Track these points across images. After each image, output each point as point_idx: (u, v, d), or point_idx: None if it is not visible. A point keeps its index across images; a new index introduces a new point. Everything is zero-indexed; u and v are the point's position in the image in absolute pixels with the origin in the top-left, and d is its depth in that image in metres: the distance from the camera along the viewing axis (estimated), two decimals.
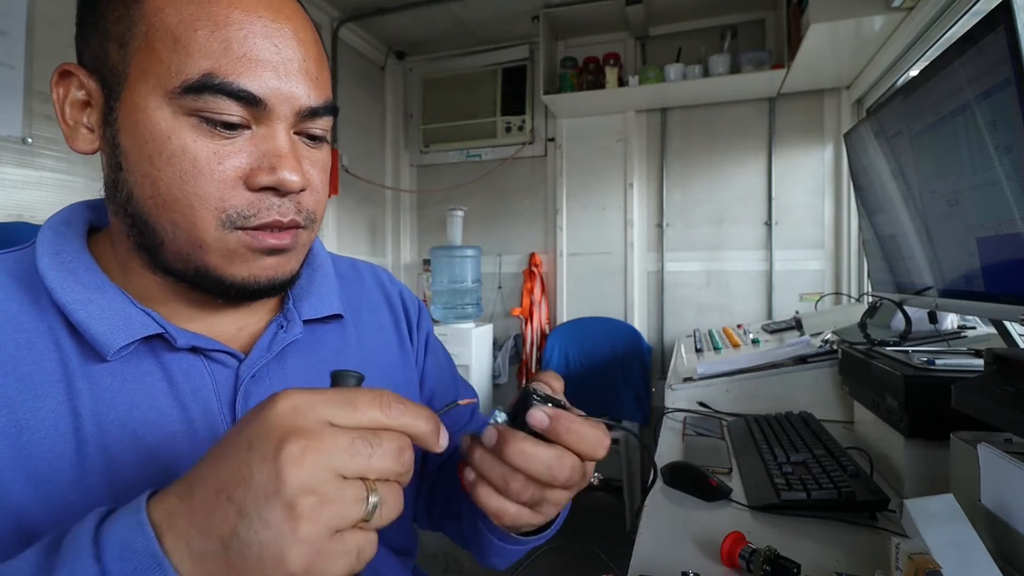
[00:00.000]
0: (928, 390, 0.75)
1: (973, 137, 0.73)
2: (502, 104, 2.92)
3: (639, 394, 2.57)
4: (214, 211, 0.43)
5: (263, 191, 0.45)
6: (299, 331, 0.54)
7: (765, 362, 1.29)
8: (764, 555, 0.60)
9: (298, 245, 0.49)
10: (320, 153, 0.50)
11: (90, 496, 0.42)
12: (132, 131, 0.43)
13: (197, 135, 0.43)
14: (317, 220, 0.51)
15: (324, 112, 0.48)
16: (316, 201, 0.50)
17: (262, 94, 0.43)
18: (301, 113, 0.46)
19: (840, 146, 2.38)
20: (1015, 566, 0.55)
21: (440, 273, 2.81)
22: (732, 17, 2.56)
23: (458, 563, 2.16)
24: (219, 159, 0.43)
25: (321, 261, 0.61)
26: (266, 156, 0.44)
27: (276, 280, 0.49)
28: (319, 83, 0.47)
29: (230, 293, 0.47)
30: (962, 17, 1.43)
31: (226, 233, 0.44)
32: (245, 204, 0.44)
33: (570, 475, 0.41)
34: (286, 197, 0.46)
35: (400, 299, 0.69)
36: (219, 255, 0.45)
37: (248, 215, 0.45)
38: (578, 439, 0.41)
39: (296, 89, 0.45)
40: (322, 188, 0.51)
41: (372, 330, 0.63)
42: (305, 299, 0.56)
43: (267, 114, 0.44)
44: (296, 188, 0.45)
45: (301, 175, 0.45)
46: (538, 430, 0.41)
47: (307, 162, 0.48)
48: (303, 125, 0.47)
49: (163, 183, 0.43)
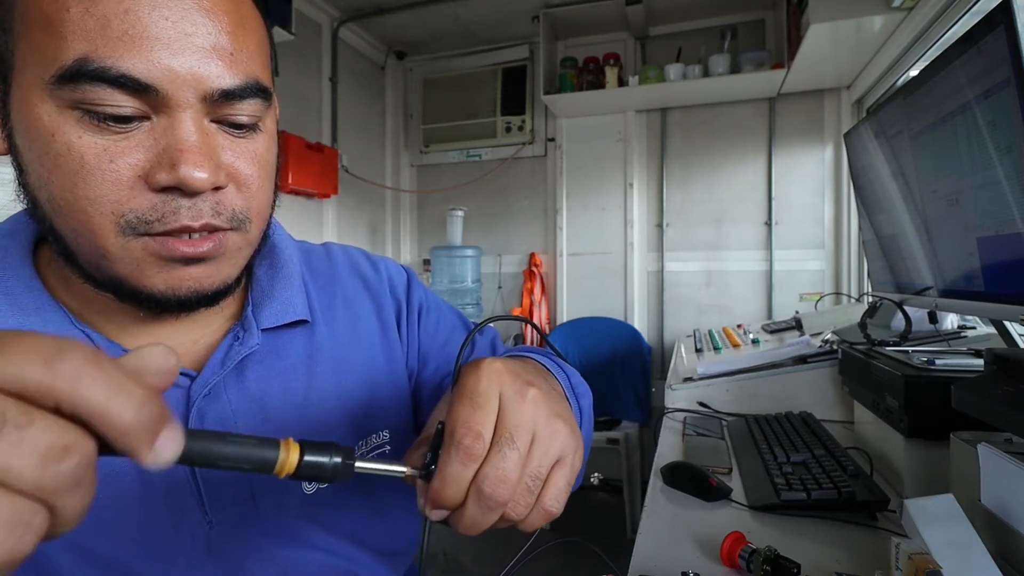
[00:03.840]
0: (928, 390, 0.75)
1: (973, 137, 0.73)
2: (502, 104, 2.92)
3: (639, 394, 2.57)
4: (111, 216, 0.38)
5: (167, 192, 0.38)
6: (256, 342, 0.49)
7: (765, 362, 1.29)
8: (764, 555, 0.60)
9: (227, 251, 0.42)
10: (250, 143, 0.43)
11: None
12: (22, 129, 0.38)
13: (83, 130, 0.37)
14: (252, 220, 0.44)
15: (245, 94, 0.40)
16: (247, 199, 0.43)
17: (150, 79, 0.36)
18: (211, 97, 0.39)
19: (840, 146, 2.38)
20: (1015, 566, 0.55)
21: (440, 273, 2.81)
22: (732, 17, 2.56)
23: (458, 563, 2.16)
24: (111, 156, 0.37)
25: (285, 260, 0.55)
26: (166, 151, 0.38)
27: (203, 292, 0.42)
28: (236, 60, 0.40)
29: (153, 307, 0.41)
30: (962, 17, 1.43)
31: (129, 240, 0.38)
32: (147, 207, 0.38)
33: (505, 490, 0.33)
34: (197, 197, 0.39)
35: (383, 277, 0.63)
36: (127, 265, 0.39)
37: (151, 220, 0.38)
38: (455, 485, 0.33)
39: (200, 69, 0.38)
40: (257, 183, 0.43)
41: (348, 324, 0.58)
42: (266, 305, 0.51)
43: (164, 101, 0.37)
44: (203, 187, 0.38)
45: (212, 170, 0.39)
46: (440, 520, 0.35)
47: (229, 154, 0.41)
48: (220, 112, 0.40)
49: (55, 186, 0.38)
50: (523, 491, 0.34)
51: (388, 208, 3.14)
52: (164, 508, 0.44)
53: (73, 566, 0.41)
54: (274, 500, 0.49)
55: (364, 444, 0.55)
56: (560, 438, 0.35)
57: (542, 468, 0.34)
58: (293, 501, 0.50)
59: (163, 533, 0.44)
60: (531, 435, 0.34)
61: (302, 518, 0.50)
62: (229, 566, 0.46)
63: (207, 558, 0.45)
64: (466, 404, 0.34)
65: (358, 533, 0.54)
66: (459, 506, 0.33)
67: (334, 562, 0.51)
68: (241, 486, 0.47)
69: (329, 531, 0.51)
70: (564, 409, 0.37)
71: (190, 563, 0.44)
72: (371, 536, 0.55)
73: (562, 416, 0.36)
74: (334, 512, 0.52)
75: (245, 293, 0.53)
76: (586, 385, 0.58)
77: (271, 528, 0.48)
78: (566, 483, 0.36)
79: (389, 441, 0.57)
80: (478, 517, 0.33)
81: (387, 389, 0.58)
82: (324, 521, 0.51)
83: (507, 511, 0.34)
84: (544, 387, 0.37)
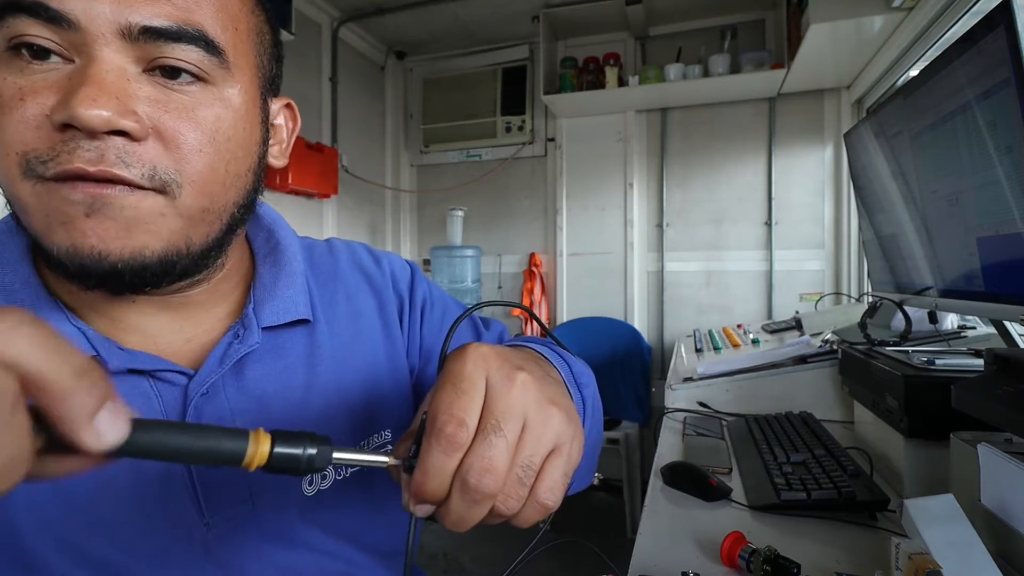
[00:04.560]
0: (928, 390, 0.75)
1: (973, 137, 0.73)
2: (502, 104, 2.92)
3: (639, 394, 2.57)
4: (16, 156, 0.36)
5: (67, 130, 0.36)
6: (256, 340, 0.48)
7: (765, 362, 1.29)
8: (764, 555, 0.60)
9: (141, 212, 0.38)
10: (193, 101, 0.39)
11: (17, 533, 0.39)
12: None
13: (8, 72, 0.36)
14: (183, 185, 0.39)
15: (179, 37, 0.37)
16: (177, 159, 0.39)
17: (62, 8, 0.35)
18: (131, 34, 0.36)
19: (840, 146, 2.38)
20: (1015, 566, 0.55)
21: (440, 273, 2.81)
22: (732, 17, 2.56)
23: (458, 563, 2.16)
24: (23, 95, 0.36)
25: (289, 258, 0.54)
26: (72, 87, 0.36)
27: (109, 258, 0.37)
28: (171, 3, 0.37)
29: (66, 275, 0.38)
30: (962, 17, 1.43)
31: (32, 184, 0.36)
32: (45, 147, 0.36)
33: (492, 481, 0.31)
34: (99, 140, 0.36)
35: (386, 272, 0.62)
36: (38, 216, 0.37)
37: (46, 159, 0.36)
38: (439, 474, 0.31)
39: (119, 6, 0.36)
40: (192, 145, 0.39)
41: (350, 321, 0.57)
42: (267, 302, 0.50)
43: (83, 39, 0.36)
44: (98, 125, 0.35)
45: (116, 110, 0.35)
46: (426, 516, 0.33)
47: (158, 107, 0.38)
48: (150, 55, 0.37)
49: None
50: (514, 483, 0.32)
51: (388, 208, 3.14)
52: (160, 510, 0.44)
53: (67, 568, 0.40)
54: (273, 501, 0.48)
55: (366, 444, 0.54)
56: (554, 425, 0.33)
57: (534, 458, 0.32)
58: (293, 502, 0.49)
59: (159, 535, 0.43)
60: (521, 422, 0.32)
61: (301, 519, 0.49)
62: (226, 569, 0.45)
63: (204, 560, 0.45)
64: (448, 390, 0.32)
65: (358, 534, 0.53)
66: (444, 500, 0.31)
67: (332, 564, 0.51)
68: (239, 487, 0.47)
69: (328, 532, 0.51)
70: (560, 395, 0.35)
71: (186, 565, 0.44)
72: (371, 537, 0.54)
73: (557, 402, 0.34)
74: (335, 513, 0.52)
75: (247, 291, 0.53)
76: (591, 375, 0.56)
77: (270, 530, 0.48)
78: (562, 474, 0.33)
79: (391, 440, 0.57)
80: (464, 511, 0.31)
81: (389, 388, 0.58)
82: (324, 522, 0.51)
83: (497, 505, 0.32)
84: (537, 372, 0.35)
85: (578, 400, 0.49)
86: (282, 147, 0.52)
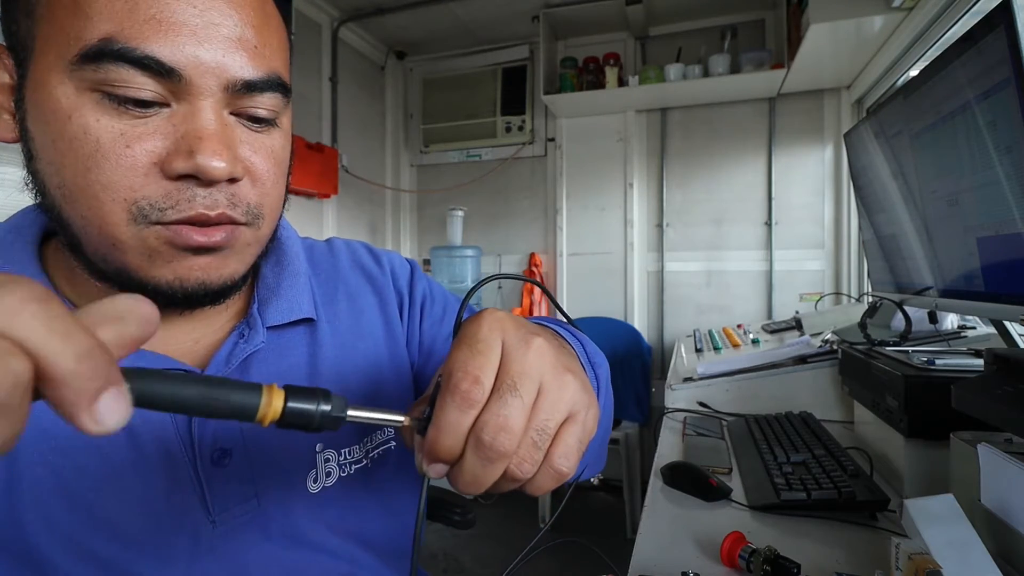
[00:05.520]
0: (928, 390, 0.75)
1: (973, 137, 0.73)
2: (502, 104, 2.92)
3: (639, 394, 2.57)
4: (123, 203, 0.37)
5: (183, 180, 0.38)
6: (261, 340, 0.49)
7: (765, 362, 1.29)
8: (764, 555, 0.60)
9: (237, 244, 0.42)
10: (268, 138, 0.43)
11: (23, 531, 0.39)
12: (36, 112, 0.38)
13: (101, 113, 0.37)
14: (264, 216, 0.44)
15: (266, 87, 0.41)
16: (261, 194, 0.43)
17: (175, 63, 0.36)
18: (233, 87, 0.39)
19: (840, 146, 2.38)
20: (1015, 566, 0.55)
21: (440, 273, 2.81)
22: (732, 17, 2.56)
23: (458, 563, 2.16)
24: (127, 141, 0.37)
25: (291, 258, 0.55)
26: (185, 138, 0.38)
27: (209, 285, 0.42)
28: (259, 53, 0.40)
29: (157, 300, 0.40)
30: (962, 17, 1.43)
31: (141, 229, 0.38)
32: (161, 195, 0.38)
33: (507, 440, 0.30)
34: (213, 187, 0.39)
35: (386, 270, 0.62)
36: (137, 254, 0.39)
37: (164, 207, 0.38)
38: (454, 430, 0.31)
39: (224, 59, 0.38)
40: (271, 179, 0.43)
41: (351, 319, 0.57)
42: (271, 302, 0.51)
43: (186, 88, 0.38)
44: (220, 176, 0.38)
45: (230, 161, 0.39)
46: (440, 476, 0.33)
47: (246, 147, 0.41)
48: (240, 104, 0.40)
49: (67, 171, 0.37)
50: (529, 446, 0.31)
51: (388, 208, 3.14)
52: (166, 507, 0.44)
53: (72, 566, 0.40)
54: (279, 499, 0.48)
55: (369, 441, 0.55)
56: (570, 391, 0.32)
57: (550, 422, 0.31)
58: (298, 499, 0.49)
59: (165, 532, 0.44)
60: (537, 385, 0.31)
61: (307, 518, 0.50)
62: (230, 567, 0.46)
63: (209, 558, 0.45)
64: (464, 350, 0.31)
65: (363, 533, 0.53)
66: (458, 460, 0.31)
67: (336, 564, 0.51)
68: (245, 484, 0.47)
69: (334, 531, 0.51)
70: (575, 365, 0.35)
71: (191, 563, 0.44)
72: (376, 536, 0.54)
73: (572, 370, 0.33)
74: (339, 511, 0.52)
75: (251, 291, 0.53)
76: (603, 355, 0.55)
77: (275, 528, 0.48)
78: (577, 441, 0.33)
79: (394, 437, 0.57)
80: (478, 470, 0.30)
81: (391, 385, 0.58)
82: (330, 521, 0.51)
83: (512, 468, 0.31)
84: (553, 341, 0.34)
85: (592, 379, 0.48)
86: None
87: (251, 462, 0.47)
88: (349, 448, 0.53)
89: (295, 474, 0.49)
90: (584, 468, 0.44)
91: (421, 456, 0.32)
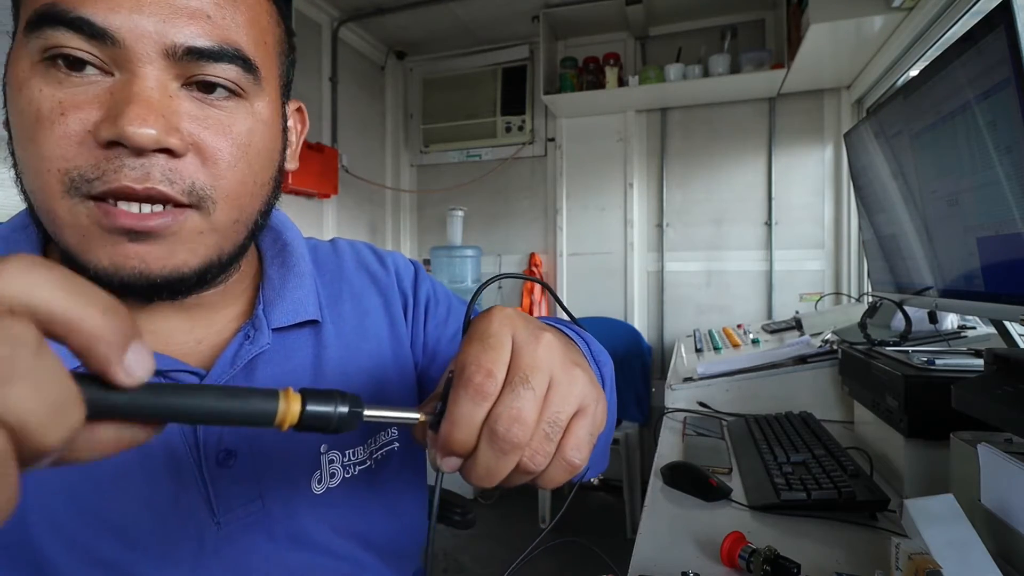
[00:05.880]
0: (928, 390, 0.75)
1: (973, 137, 0.73)
2: (502, 104, 2.92)
3: (639, 394, 2.57)
4: (57, 173, 0.36)
5: (113, 148, 0.36)
6: (267, 341, 0.48)
7: (765, 362, 1.29)
8: (764, 555, 0.60)
9: (182, 232, 0.39)
10: (225, 115, 0.40)
11: (27, 532, 0.39)
12: (7, 90, 0.38)
13: (44, 83, 0.36)
14: (217, 201, 0.40)
15: (219, 57, 0.39)
16: (212, 175, 0.40)
17: (108, 25, 0.35)
18: (174, 54, 0.37)
19: (840, 146, 2.38)
20: (1015, 566, 0.55)
21: (440, 273, 2.81)
22: (732, 17, 2.56)
23: (458, 563, 2.16)
24: (63, 109, 0.36)
25: (297, 260, 0.54)
26: (116, 104, 0.36)
27: (150, 276, 0.39)
28: (213, 23, 0.38)
29: (100, 285, 0.40)
30: (962, 17, 1.43)
31: (75, 204, 0.37)
32: (90, 164, 0.36)
33: (521, 432, 0.30)
34: (145, 158, 0.37)
35: (391, 271, 0.62)
36: (74, 233, 0.38)
37: (91, 177, 0.36)
38: (468, 423, 0.31)
39: (165, 25, 0.36)
40: (227, 160, 0.40)
41: (355, 321, 0.57)
42: (277, 303, 0.51)
43: (125, 55, 0.36)
44: (146, 143, 0.36)
45: (162, 128, 0.36)
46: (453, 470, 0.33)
47: (196, 123, 0.39)
48: (190, 72, 0.38)
49: (18, 144, 0.37)
50: (541, 438, 0.31)
51: (388, 208, 3.14)
52: (171, 509, 0.44)
53: (76, 567, 0.40)
54: (283, 500, 0.48)
55: (373, 442, 0.55)
56: (580, 385, 0.33)
57: (561, 415, 0.32)
58: (302, 500, 0.49)
59: (170, 534, 0.43)
60: (548, 379, 0.32)
61: (311, 519, 0.50)
62: (234, 569, 0.45)
63: (213, 560, 0.45)
64: (476, 345, 0.32)
65: (368, 534, 0.53)
66: (472, 453, 0.31)
67: (340, 566, 0.51)
68: (250, 485, 0.47)
69: (338, 533, 0.51)
70: (582, 360, 0.35)
71: (195, 565, 0.44)
72: (381, 537, 0.54)
73: (580, 364, 0.34)
74: (344, 512, 0.52)
75: (256, 292, 0.53)
76: (607, 354, 0.56)
77: (279, 529, 0.48)
78: (588, 433, 0.33)
79: (398, 438, 0.57)
80: (492, 462, 0.31)
81: (396, 386, 0.58)
82: (334, 522, 0.51)
83: (524, 460, 0.31)
84: (560, 337, 0.35)
85: (597, 376, 0.49)
86: (292, 150, 0.52)
87: (256, 463, 0.47)
88: (353, 449, 0.53)
89: (299, 475, 0.49)
90: (589, 467, 0.44)
91: (435, 451, 0.32)
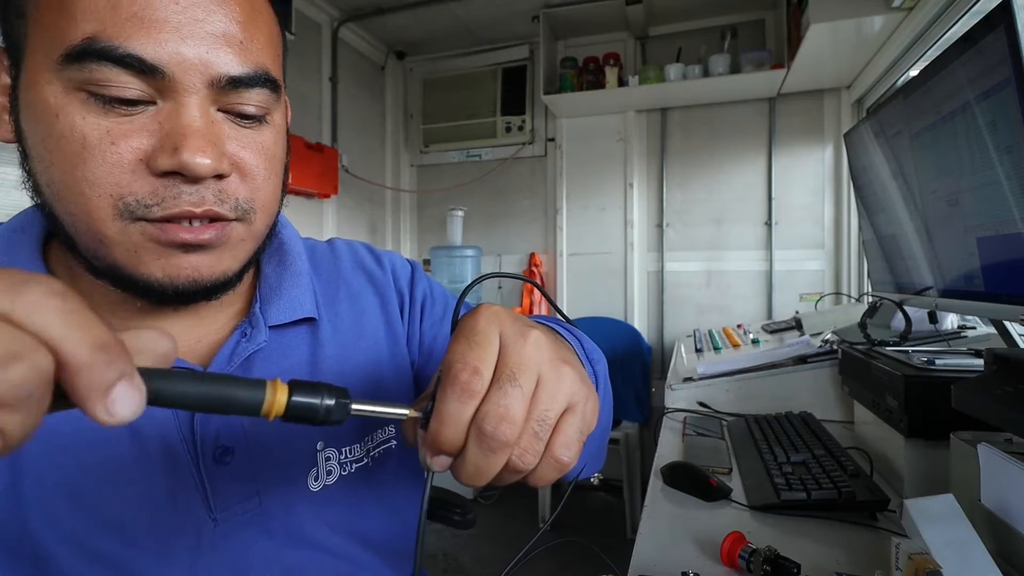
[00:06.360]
0: (928, 390, 0.75)
1: (973, 137, 0.73)
2: (502, 104, 2.92)
3: (639, 394, 2.57)
4: (109, 199, 0.38)
5: (169, 177, 0.38)
6: (264, 339, 0.49)
7: (765, 362, 1.29)
8: (764, 555, 0.60)
9: (229, 241, 0.43)
10: (257, 134, 0.43)
11: (27, 528, 0.40)
12: (28, 112, 0.39)
13: (87, 111, 0.37)
14: (256, 211, 0.44)
15: (253, 83, 0.41)
16: (252, 189, 0.43)
17: (157, 60, 0.37)
18: (218, 84, 0.39)
19: (840, 146, 2.38)
20: (1015, 566, 0.55)
21: (440, 273, 2.81)
22: (732, 17, 2.56)
23: (458, 563, 2.16)
24: (113, 138, 0.37)
25: (294, 258, 0.55)
26: (170, 136, 0.38)
27: (201, 282, 0.42)
28: (245, 49, 0.40)
29: (150, 296, 0.41)
30: (962, 17, 1.43)
31: (127, 225, 0.38)
32: (148, 192, 0.38)
33: (508, 430, 0.30)
34: (199, 184, 0.39)
35: (387, 270, 0.63)
36: (124, 251, 0.39)
37: (151, 204, 0.38)
38: (455, 422, 0.31)
39: (209, 55, 0.38)
40: (262, 175, 0.44)
41: (353, 319, 0.57)
42: (274, 301, 0.51)
43: (170, 85, 0.38)
44: (205, 173, 0.38)
45: (215, 157, 0.39)
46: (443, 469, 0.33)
47: (234, 144, 0.41)
48: (227, 100, 0.40)
49: (55, 168, 0.38)
50: (530, 436, 0.31)
51: (388, 208, 3.14)
52: (169, 505, 0.44)
53: (75, 563, 0.41)
54: (280, 497, 0.48)
55: (370, 440, 0.55)
56: (568, 383, 0.32)
57: (549, 413, 0.32)
58: (299, 498, 0.49)
59: (167, 531, 0.44)
60: (535, 376, 0.32)
61: (308, 516, 0.50)
62: (231, 566, 0.46)
63: (210, 557, 0.45)
64: (462, 342, 0.31)
65: (365, 532, 0.53)
66: (461, 452, 0.31)
67: (337, 564, 0.51)
68: (247, 482, 0.47)
69: (335, 530, 0.51)
70: (572, 357, 0.35)
71: (193, 561, 0.44)
72: (377, 535, 0.54)
73: (569, 362, 0.33)
74: (340, 509, 0.52)
75: (253, 290, 0.53)
76: (600, 353, 0.56)
77: (276, 527, 0.48)
78: (577, 431, 0.33)
79: (395, 436, 0.57)
80: (481, 461, 0.31)
81: (392, 385, 0.58)
82: (330, 519, 0.51)
83: (514, 459, 0.31)
84: (549, 334, 0.35)
85: (590, 375, 0.49)
86: None
87: (253, 460, 0.47)
88: (350, 447, 0.53)
89: (296, 472, 0.50)
90: (584, 465, 0.44)
91: (424, 450, 0.32)
